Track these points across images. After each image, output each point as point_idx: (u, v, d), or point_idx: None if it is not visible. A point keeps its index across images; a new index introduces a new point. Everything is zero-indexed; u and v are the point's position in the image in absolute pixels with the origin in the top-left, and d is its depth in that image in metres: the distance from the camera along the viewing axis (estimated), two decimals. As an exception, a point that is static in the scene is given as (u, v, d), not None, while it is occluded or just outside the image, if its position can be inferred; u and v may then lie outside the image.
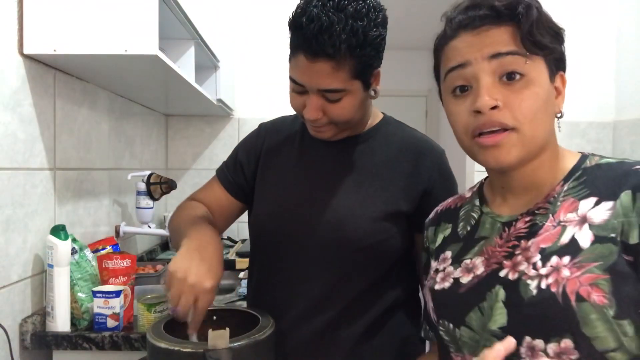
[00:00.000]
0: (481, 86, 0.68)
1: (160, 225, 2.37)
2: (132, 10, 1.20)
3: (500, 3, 0.69)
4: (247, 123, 2.61)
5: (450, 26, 0.74)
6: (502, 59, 0.67)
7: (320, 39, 0.89)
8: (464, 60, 0.70)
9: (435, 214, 0.92)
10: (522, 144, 0.68)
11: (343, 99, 0.95)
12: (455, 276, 0.77)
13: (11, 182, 1.19)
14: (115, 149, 1.84)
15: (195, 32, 1.66)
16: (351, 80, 0.93)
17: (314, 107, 0.96)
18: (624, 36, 2.50)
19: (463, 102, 0.71)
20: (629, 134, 2.43)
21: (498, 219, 0.76)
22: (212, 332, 0.83)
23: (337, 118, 0.98)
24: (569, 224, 0.67)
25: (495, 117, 0.67)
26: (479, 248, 0.76)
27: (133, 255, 1.41)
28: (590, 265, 0.62)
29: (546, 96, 0.69)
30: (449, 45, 0.73)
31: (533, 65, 0.68)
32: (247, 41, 2.58)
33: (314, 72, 0.92)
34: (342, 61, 0.90)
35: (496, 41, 0.68)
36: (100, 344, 1.23)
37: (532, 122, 0.67)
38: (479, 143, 0.69)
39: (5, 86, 1.17)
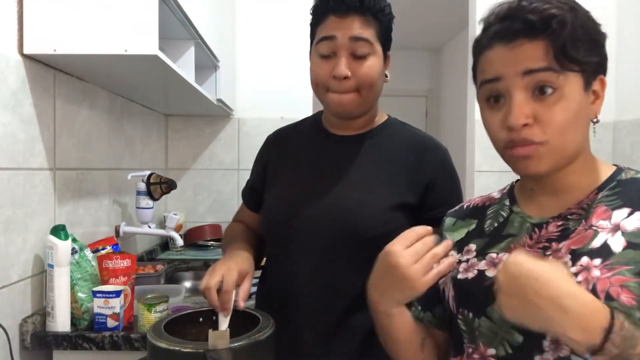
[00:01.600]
0: (513, 102, 0.69)
1: (160, 225, 2.37)
2: (132, 10, 1.20)
3: (534, 17, 0.69)
4: (247, 123, 2.61)
5: (486, 35, 0.75)
6: (534, 75, 0.69)
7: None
8: (497, 75, 0.71)
9: (461, 207, 0.94)
10: (551, 154, 0.70)
11: (369, 58, 1.03)
12: (480, 268, 0.78)
13: (11, 182, 1.19)
14: (115, 149, 1.84)
15: (195, 32, 1.66)
16: (376, 40, 1.04)
17: (344, 63, 1.02)
18: (624, 36, 2.50)
19: (497, 114, 0.73)
20: (629, 134, 2.43)
21: (528, 219, 0.78)
22: (212, 332, 0.83)
23: (363, 78, 1.03)
24: (602, 230, 0.69)
25: (525, 135, 0.69)
26: (506, 244, 0.78)
27: (133, 255, 1.40)
28: (621, 268, 0.64)
29: (578, 108, 0.70)
30: (484, 55, 0.74)
31: (566, 80, 0.69)
32: (247, 41, 2.58)
33: (345, 24, 1.02)
34: (369, 19, 1.03)
35: (529, 57, 0.69)
36: (100, 344, 1.23)
37: (562, 134, 0.69)
38: (511, 154, 0.72)
39: (5, 86, 1.17)
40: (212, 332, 0.83)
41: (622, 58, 2.52)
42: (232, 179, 2.62)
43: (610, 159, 2.58)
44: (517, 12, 0.71)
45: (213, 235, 2.48)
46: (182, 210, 2.56)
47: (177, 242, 1.98)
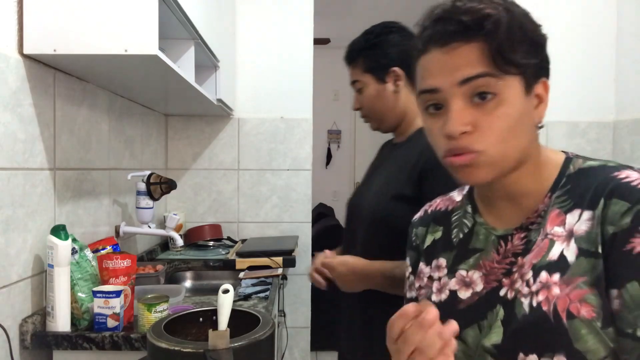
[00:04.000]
0: (451, 111, 0.67)
1: (160, 225, 2.37)
2: (132, 10, 1.20)
3: (468, 18, 0.66)
4: (247, 123, 2.61)
5: (420, 39, 0.71)
6: (472, 82, 0.65)
7: (345, 56, 1.37)
8: (434, 86, 0.68)
9: (425, 213, 0.91)
10: (491, 163, 0.67)
11: (364, 91, 1.33)
12: (451, 288, 0.76)
13: (11, 182, 1.19)
14: (115, 149, 1.84)
15: (195, 32, 1.65)
16: (363, 74, 1.32)
17: (354, 99, 1.38)
18: (624, 36, 2.50)
19: (437, 122, 0.70)
20: (629, 134, 2.43)
21: (493, 231, 0.75)
22: (212, 332, 0.83)
23: (364, 106, 1.35)
24: (557, 239, 0.67)
25: (463, 143, 0.66)
26: (475, 261, 0.76)
27: (133, 255, 1.40)
28: (577, 280, 0.63)
29: (519, 113, 0.67)
30: (421, 61, 0.71)
31: (506, 84, 0.65)
32: (247, 41, 2.58)
33: (349, 76, 1.38)
34: (355, 63, 1.34)
35: (465, 62, 0.66)
36: (100, 344, 1.23)
37: (501, 142, 0.66)
38: (451, 162, 0.69)
39: (5, 86, 1.17)
40: (212, 332, 0.83)
41: (622, 58, 2.52)
42: (232, 179, 2.62)
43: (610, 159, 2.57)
44: (451, 13, 0.67)
45: (213, 235, 2.48)
46: (182, 210, 2.56)
47: (177, 242, 1.98)
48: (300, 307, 2.62)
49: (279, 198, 2.61)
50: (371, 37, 1.32)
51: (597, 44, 2.55)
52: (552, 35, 0.72)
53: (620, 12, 2.51)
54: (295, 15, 2.59)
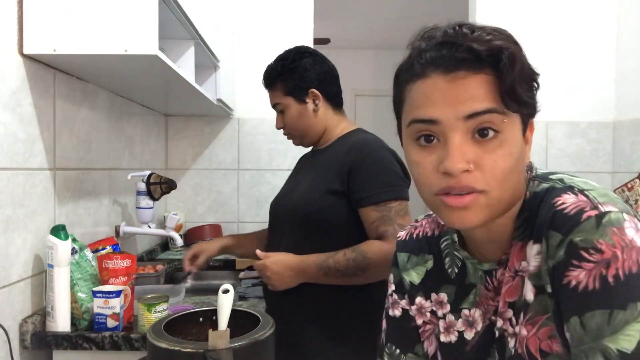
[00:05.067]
0: (452, 145, 0.60)
1: (160, 225, 2.37)
2: (132, 10, 1.20)
3: (481, 47, 0.59)
4: (247, 123, 2.61)
5: (419, 61, 0.63)
6: (478, 118, 0.60)
7: (263, 81, 1.54)
8: (434, 117, 0.61)
9: (410, 237, 0.85)
10: (489, 206, 0.62)
11: (286, 112, 1.47)
12: (458, 329, 0.74)
13: (11, 182, 1.19)
14: (115, 149, 1.84)
15: (195, 32, 1.66)
16: (284, 96, 1.46)
17: (276, 120, 1.52)
18: (624, 36, 2.50)
19: (428, 155, 0.63)
20: (629, 134, 2.43)
21: (479, 266, 0.72)
22: (212, 332, 0.83)
23: (288, 126, 1.49)
24: (525, 274, 0.64)
25: (465, 181, 0.60)
26: (474, 298, 0.73)
27: (133, 255, 1.40)
28: (541, 318, 0.61)
29: (519, 154, 0.63)
30: (417, 85, 0.63)
31: (509, 123, 0.61)
32: (247, 41, 2.58)
33: (270, 98, 1.53)
34: (275, 86, 1.49)
35: (473, 95, 0.59)
36: (100, 344, 1.23)
37: (503, 184, 0.61)
38: (444, 202, 0.62)
39: (5, 86, 1.17)
40: (212, 332, 0.83)
41: (622, 58, 2.52)
42: (232, 179, 2.62)
43: (610, 159, 2.58)
44: (459, 38, 0.60)
45: (213, 235, 2.48)
46: (182, 210, 2.56)
47: (177, 242, 1.98)
48: (300, 307, 2.61)
49: (278, 198, 2.61)
50: (287, 63, 1.45)
51: (597, 44, 2.55)
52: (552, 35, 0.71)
53: (620, 12, 2.51)
54: (295, 15, 2.59)
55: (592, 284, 0.55)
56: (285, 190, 1.56)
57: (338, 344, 1.33)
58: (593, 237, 0.56)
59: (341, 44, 5.10)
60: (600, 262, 0.55)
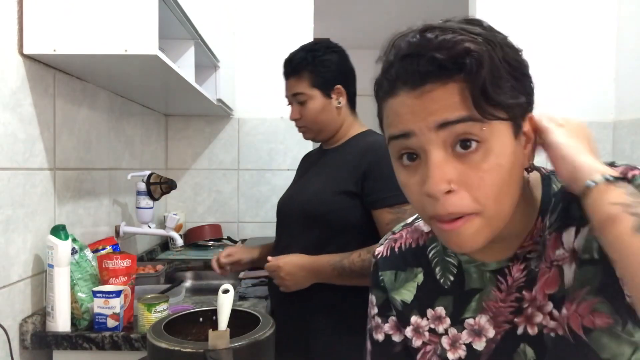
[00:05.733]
0: (431, 164, 0.55)
1: (160, 225, 2.37)
2: (132, 10, 1.20)
3: (442, 55, 0.54)
4: (247, 123, 2.61)
5: (387, 77, 0.59)
6: (451, 128, 0.54)
7: (286, 67, 1.47)
8: (407, 130, 0.57)
9: (392, 252, 0.79)
10: (487, 225, 0.57)
11: (307, 103, 1.43)
12: (465, 341, 0.69)
13: (11, 182, 1.19)
14: (115, 149, 1.84)
15: (195, 32, 1.66)
16: (310, 87, 1.42)
17: (293, 110, 1.47)
18: (624, 36, 2.50)
19: (413, 175, 0.59)
20: (629, 134, 2.43)
21: (484, 267, 0.67)
22: (212, 332, 0.83)
23: (306, 117, 1.44)
24: (563, 262, 0.62)
25: (451, 205, 0.55)
26: (477, 304, 0.68)
27: (133, 255, 1.40)
28: (581, 292, 0.59)
29: (511, 163, 0.57)
30: (389, 103, 0.59)
31: (491, 129, 0.55)
32: (247, 41, 2.58)
33: (288, 86, 1.48)
34: (301, 75, 1.43)
35: (443, 106, 0.54)
36: (100, 344, 1.23)
37: (497, 200, 0.56)
38: (438, 227, 0.58)
39: (5, 86, 1.17)
40: (212, 332, 0.83)
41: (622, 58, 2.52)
42: (232, 179, 2.62)
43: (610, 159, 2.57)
44: (421, 48, 0.55)
45: (213, 235, 2.48)
46: (182, 210, 2.56)
47: (177, 242, 1.98)
48: (300, 307, 2.62)
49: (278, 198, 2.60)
50: (319, 55, 1.43)
51: (597, 44, 2.55)
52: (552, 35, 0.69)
53: (620, 12, 2.51)
54: (295, 15, 2.59)
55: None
56: (294, 189, 1.54)
57: (346, 336, 1.33)
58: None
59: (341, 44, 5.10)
60: None
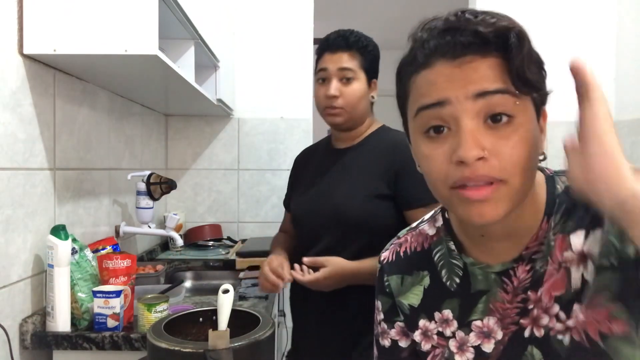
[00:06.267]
0: (464, 131, 0.57)
1: (160, 225, 2.37)
2: (132, 10, 1.20)
3: (487, 29, 0.56)
4: (247, 123, 2.61)
5: (422, 51, 0.60)
6: (489, 98, 0.56)
7: (337, 40, 1.38)
8: (442, 98, 0.58)
9: (397, 257, 0.79)
10: (511, 196, 0.58)
11: (353, 82, 1.36)
12: (473, 344, 0.69)
13: (11, 182, 1.19)
14: (115, 149, 1.84)
15: (195, 32, 1.66)
16: (360, 69, 1.37)
17: (334, 86, 1.36)
18: (624, 36, 2.50)
19: (440, 146, 0.59)
20: (629, 134, 2.43)
21: (489, 269, 0.67)
22: (212, 332, 0.83)
23: (348, 97, 1.35)
24: (571, 264, 0.62)
25: (482, 170, 0.56)
26: (484, 305, 0.68)
27: (133, 255, 1.40)
28: (600, 299, 0.59)
29: (535, 141, 0.59)
30: (421, 75, 0.60)
31: (522, 106, 0.58)
32: (247, 41, 2.58)
33: (334, 59, 1.37)
34: (353, 53, 1.36)
35: (482, 76, 0.56)
36: (100, 344, 1.23)
37: (522, 172, 0.57)
38: (461, 196, 0.58)
39: (5, 86, 1.17)
40: (212, 332, 0.83)
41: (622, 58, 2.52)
42: (232, 179, 2.62)
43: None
44: (462, 23, 0.58)
45: (213, 235, 2.48)
46: (182, 210, 2.56)
47: (177, 242, 1.98)
48: (300, 307, 2.62)
49: (279, 198, 2.60)
50: (372, 44, 1.41)
51: (597, 44, 2.55)
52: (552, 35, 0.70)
53: (620, 12, 2.51)
54: (295, 15, 2.59)
55: None
56: (315, 192, 1.43)
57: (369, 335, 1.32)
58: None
59: (341, 44, 5.09)
60: None
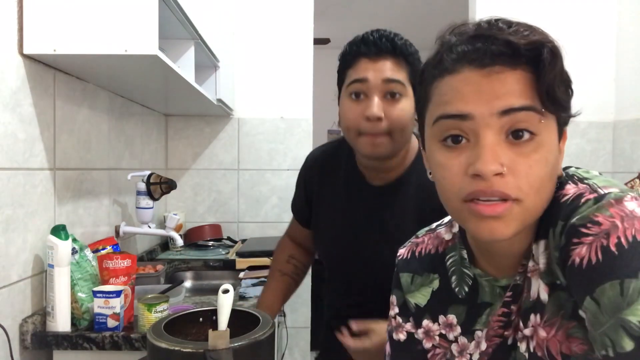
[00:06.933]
0: (484, 145, 0.55)
1: (160, 225, 2.37)
2: (132, 10, 1.20)
3: (519, 40, 0.55)
4: (247, 123, 2.61)
5: (449, 55, 0.59)
6: (513, 115, 0.55)
7: (381, 41, 1.03)
8: (466, 111, 0.56)
9: (412, 255, 0.80)
10: (523, 216, 0.57)
11: (402, 100, 1.02)
12: (470, 352, 0.70)
13: (11, 182, 1.19)
14: (115, 149, 1.84)
15: (195, 32, 1.66)
16: (408, 82, 1.03)
17: (377, 104, 1.01)
18: (624, 36, 2.50)
19: (456, 157, 0.58)
20: (629, 134, 2.43)
21: (496, 283, 0.67)
22: (212, 332, 0.83)
23: (395, 120, 1.01)
24: (532, 275, 0.61)
25: (497, 186, 0.55)
26: (486, 317, 0.68)
27: (133, 255, 1.40)
28: (557, 319, 0.58)
29: (554, 161, 0.58)
30: (446, 80, 0.59)
31: (546, 125, 0.56)
32: (247, 41, 2.58)
33: (377, 67, 1.02)
34: (401, 62, 1.03)
35: (510, 91, 0.55)
36: (100, 344, 1.23)
37: (537, 193, 0.56)
38: (474, 210, 0.57)
39: (5, 86, 1.17)
40: (212, 332, 0.83)
41: (622, 58, 2.52)
42: (232, 179, 2.62)
43: (610, 159, 2.58)
44: (495, 32, 0.56)
45: (213, 235, 2.48)
46: (182, 210, 2.56)
47: (177, 242, 1.98)
48: (300, 307, 2.62)
49: (279, 198, 2.61)
50: (417, 54, 1.07)
51: (597, 44, 2.55)
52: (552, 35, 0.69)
53: (620, 12, 2.51)
54: (295, 15, 2.59)
55: (595, 257, 0.51)
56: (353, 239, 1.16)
57: None
58: (589, 213, 0.53)
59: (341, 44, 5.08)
60: (599, 233, 0.52)
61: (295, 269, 1.34)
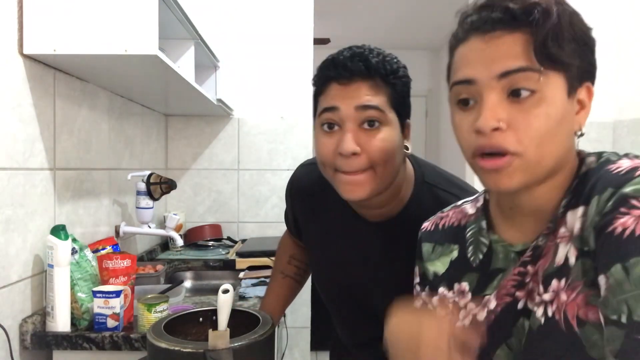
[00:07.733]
0: (484, 105, 0.61)
1: (160, 225, 2.37)
2: (132, 10, 1.20)
3: (515, 5, 0.61)
4: (247, 123, 2.61)
5: (462, 27, 0.67)
6: (512, 76, 0.60)
7: (352, 62, 0.87)
8: (470, 77, 0.63)
9: (435, 227, 0.85)
10: (526, 169, 0.61)
11: (382, 129, 0.87)
12: (474, 312, 0.73)
13: (11, 182, 1.19)
14: (115, 149, 1.84)
15: (195, 32, 1.66)
16: (389, 107, 0.88)
17: (349, 138, 0.86)
18: (624, 36, 2.50)
19: (466, 117, 0.64)
20: (629, 134, 2.43)
21: (511, 248, 0.70)
22: (212, 332, 0.83)
23: (375, 152, 0.86)
24: (561, 241, 0.63)
25: (496, 140, 0.60)
26: (498, 283, 0.71)
27: (133, 255, 1.40)
28: (580, 284, 0.60)
29: (560, 115, 0.61)
30: (459, 49, 0.66)
31: (548, 81, 0.60)
32: (247, 41, 2.58)
33: (349, 92, 0.87)
34: (378, 84, 0.87)
35: (507, 53, 0.60)
36: (100, 344, 1.23)
37: (539, 145, 0.60)
38: (480, 165, 0.63)
39: (5, 86, 1.17)
40: (212, 332, 0.83)
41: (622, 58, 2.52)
42: (232, 179, 2.62)
43: (610, 159, 2.58)
44: (498, 0, 0.63)
45: (213, 235, 2.48)
46: (182, 210, 2.56)
47: (177, 242, 1.98)
48: (300, 307, 2.62)
49: (279, 198, 2.61)
50: (402, 71, 0.93)
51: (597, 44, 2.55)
52: None
53: (621, 12, 2.51)
54: (295, 15, 2.59)
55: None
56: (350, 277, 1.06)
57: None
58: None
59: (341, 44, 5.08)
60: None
61: (297, 269, 1.33)
